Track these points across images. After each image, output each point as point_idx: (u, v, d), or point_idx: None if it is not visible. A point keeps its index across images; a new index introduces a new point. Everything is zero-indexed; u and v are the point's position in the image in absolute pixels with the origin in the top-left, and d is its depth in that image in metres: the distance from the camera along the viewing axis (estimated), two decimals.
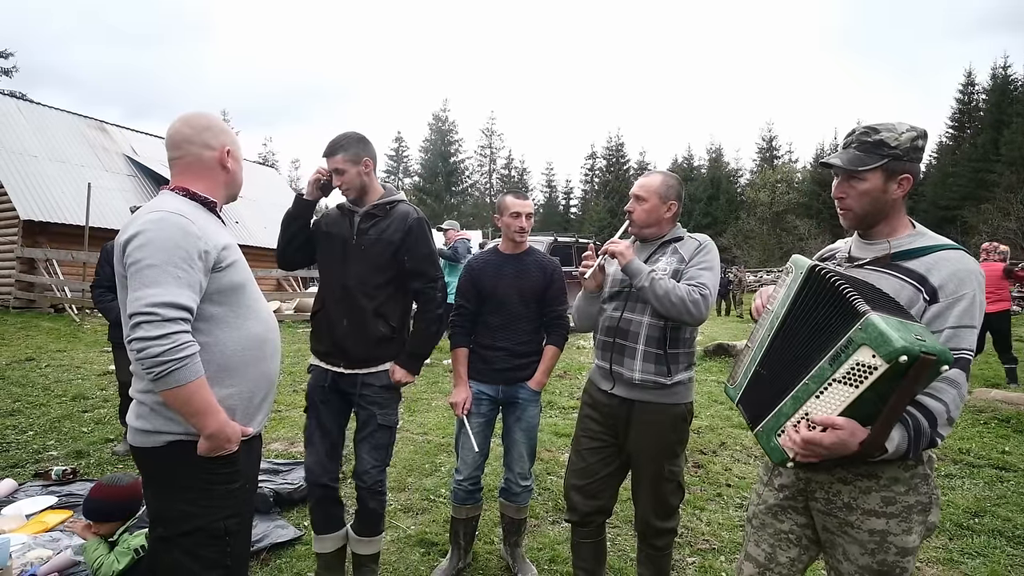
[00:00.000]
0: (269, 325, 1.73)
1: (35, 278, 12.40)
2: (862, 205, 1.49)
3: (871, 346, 1.21)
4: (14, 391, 5.76)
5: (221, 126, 1.74)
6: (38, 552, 2.68)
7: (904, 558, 1.42)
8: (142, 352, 1.41)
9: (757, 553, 1.67)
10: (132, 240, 1.48)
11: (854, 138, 1.52)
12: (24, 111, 15.72)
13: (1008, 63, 42.69)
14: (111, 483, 2.46)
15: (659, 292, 2.03)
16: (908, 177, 1.46)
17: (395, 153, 57.80)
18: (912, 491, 1.42)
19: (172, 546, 1.58)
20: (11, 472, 3.76)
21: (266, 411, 1.75)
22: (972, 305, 1.36)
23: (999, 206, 29.15)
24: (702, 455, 4.46)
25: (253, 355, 1.65)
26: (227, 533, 1.58)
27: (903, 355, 1.16)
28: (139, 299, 1.43)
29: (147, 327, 1.41)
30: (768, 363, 1.50)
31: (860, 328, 1.24)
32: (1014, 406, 5.57)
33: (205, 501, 1.56)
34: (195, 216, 1.58)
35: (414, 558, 2.87)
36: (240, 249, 1.74)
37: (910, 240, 1.48)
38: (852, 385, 1.25)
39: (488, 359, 2.67)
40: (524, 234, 2.69)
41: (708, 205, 47.68)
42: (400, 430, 4.87)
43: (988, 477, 4.05)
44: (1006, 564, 2.90)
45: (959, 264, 1.39)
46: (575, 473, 2.31)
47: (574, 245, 11.95)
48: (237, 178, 1.78)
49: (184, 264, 1.48)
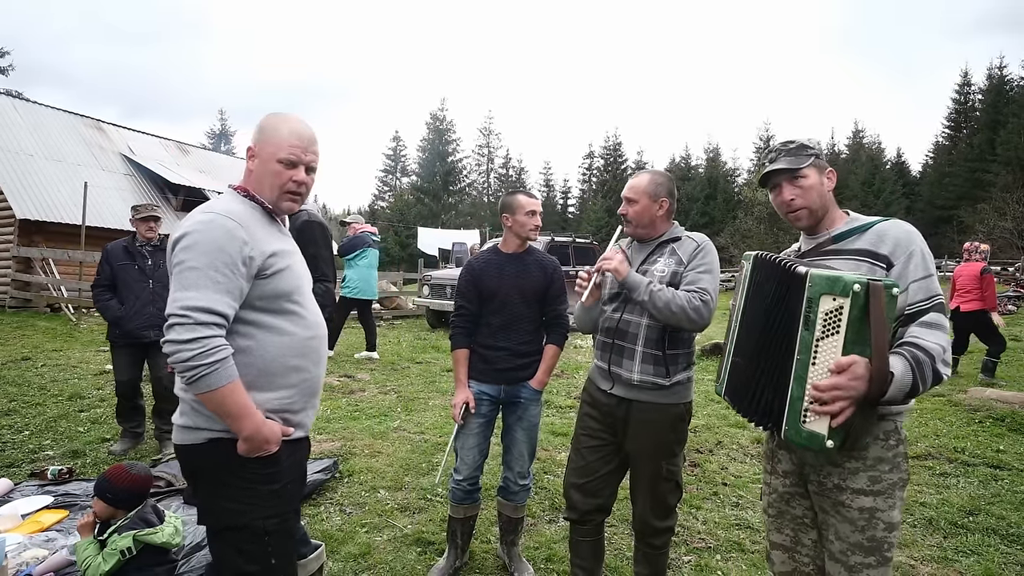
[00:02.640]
0: (315, 331, 1.71)
1: (31, 277, 12.36)
2: (811, 199, 1.68)
3: (827, 292, 1.37)
4: (10, 390, 5.74)
5: (260, 124, 1.65)
6: (34, 552, 2.68)
7: (891, 533, 1.54)
8: (173, 355, 1.43)
9: (781, 539, 1.78)
10: (180, 240, 1.49)
11: (777, 151, 1.74)
12: (20, 109, 15.65)
13: (1004, 64, 42.84)
14: (127, 467, 2.45)
15: (659, 304, 2.05)
16: (833, 171, 1.71)
17: (393, 152, 57.64)
18: (895, 469, 1.55)
19: (217, 539, 1.62)
20: (7, 472, 3.76)
21: (311, 414, 1.74)
22: (923, 258, 1.53)
23: (995, 206, 29.20)
24: (698, 454, 4.47)
25: (297, 361, 1.63)
26: (267, 532, 1.58)
27: (856, 284, 1.32)
28: (176, 301, 1.44)
29: (179, 329, 1.42)
30: (740, 351, 1.68)
31: (811, 284, 1.39)
32: (1008, 405, 5.60)
33: (247, 500, 1.57)
34: (247, 219, 1.55)
35: (411, 557, 2.87)
36: (294, 254, 1.70)
37: (847, 224, 1.67)
38: (833, 333, 1.38)
39: (489, 359, 2.65)
40: (538, 231, 2.70)
41: (705, 204, 47.65)
42: (397, 429, 4.88)
43: (983, 476, 4.07)
44: (1000, 562, 2.92)
45: (897, 229, 1.58)
46: (575, 471, 2.32)
47: (571, 245, 11.96)
48: (261, 179, 1.64)
49: (226, 269, 1.47)
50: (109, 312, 4.22)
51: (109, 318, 4.24)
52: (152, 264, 4.31)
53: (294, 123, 1.65)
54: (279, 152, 1.62)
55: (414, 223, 37.69)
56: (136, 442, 4.37)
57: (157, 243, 4.39)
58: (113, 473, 2.40)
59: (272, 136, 1.63)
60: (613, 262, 2.13)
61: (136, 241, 4.36)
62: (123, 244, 4.36)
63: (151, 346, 4.28)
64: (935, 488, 3.85)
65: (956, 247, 33.52)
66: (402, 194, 53.54)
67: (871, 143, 50.25)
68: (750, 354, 1.62)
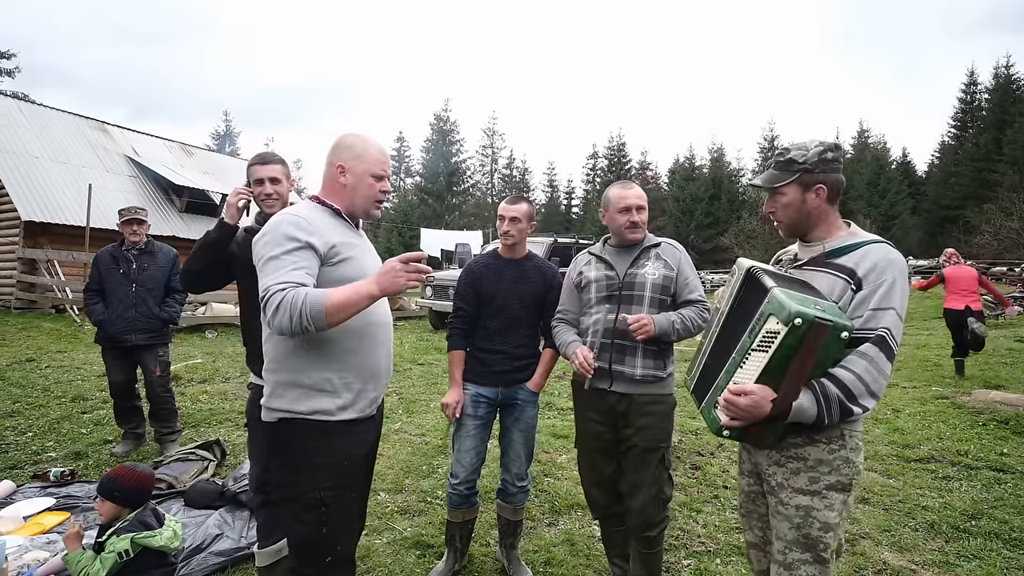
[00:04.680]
0: (374, 320, 1.84)
1: (36, 279, 12.44)
2: (788, 215, 1.71)
3: (775, 314, 1.43)
4: (14, 392, 5.78)
5: (346, 143, 1.87)
6: (35, 554, 2.69)
7: (826, 533, 1.57)
8: (275, 323, 1.56)
9: (753, 538, 1.86)
10: (259, 240, 1.72)
11: (772, 159, 1.75)
12: (25, 112, 15.78)
13: (1011, 63, 42.59)
14: (130, 466, 2.47)
15: (683, 335, 2.28)
16: (822, 187, 1.66)
17: (397, 153, 57.73)
18: (834, 472, 1.58)
19: (281, 508, 1.88)
20: (9, 473, 3.78)
21: (371, 398, 1.86)
22: (892, 290, 1.52)
23: (1002, 206, 29.01)
24: (699, 456, 4.46)
25: (355, 344, 1.78)
26: (323, 503, 1.73)
27: (797, 318, 1.38)
28: (263, 286, 1.62)
29: (270, 304, 1.57)
30: (714, 354, 1.75)
31: (768, 301, 1.47)
32: (1013, 407, 5.56)
33: (303, 472, 1.74)
34: (313, 217, 1.76)
35: (410, 560, 2.88)
36: (365, 249, 1.90)
37: (843, 240, 1.67)
38: (764, 351, 1.48)
39: (487, 362, 2.66)
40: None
41: (710, 205, 47.53)
42: (398, 432, 4.89)
43: (986, 479, 4.04)
44: (1002, 567, 2.89)
45: (881, 255, 1.57)
46: (589, 474, 2.47)
47: (574, 246, 11.95)
48: (356, 191, 1.85)
49: (295, 252, 1.65)
50: (93, 315, 4.28)
51: (93, 321, 4.31)
52: (136, 268, 4.33)
53: (377, 143, 1.90)
54: (373, 168, 1.85)
55: (418, 224, 37.74)
56: (138, 444, 4.40)
57: (143, 246, 4.40)
58: (120, 473, 2.41)
59: (364, 155, 1.85)
60: (644, 321, 2.19)
61: (123, 245, 4.38)
62: (110, 249, 4.41)
63: (137, 349, 4.31)
64: (937, 491, 3.83)
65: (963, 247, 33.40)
66: (406, 195, 53.65)
67: (876, 143, 50.06)
68: (720, 357, 1.70)
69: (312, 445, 1.74)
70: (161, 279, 4.41)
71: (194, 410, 5.42)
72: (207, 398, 5.89)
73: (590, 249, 2.55)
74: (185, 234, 15.47)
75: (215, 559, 2.77)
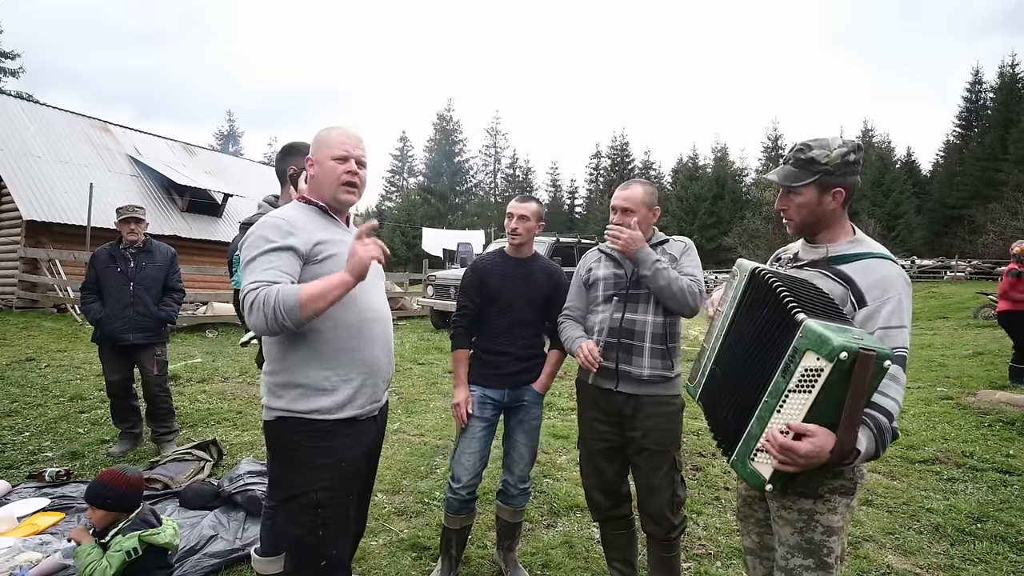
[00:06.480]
0: (368, 316, 1.83)
1: (38, 278, 12.43)
2: (801, 216, 1.64)
3: (813, 350, 1.28)
4: (12, 391, 5.76)
5: (314, 139, 1.89)
6: (27, 555, 2.66)
7: (830, 537, 1.52)
8: (251, 321, 1.57)
9: (750, 544, 1.82)
10: (241, 245, 1.75)
11: (791, 154, 1.65)
12: (27, 111, 15.76)
13: (1016, 62, 42.50)
14: (118, 470, 2.42)
15: (661, 282, 2.18)
16: (841, 191, 1.59)
17: (399, 153, 57.78)
18: (837, 475, 1.52)
19: (278, 511, 1.87)
20: (6, 473, 3.75)
21: (369, 396, 1.84)
22: (899, 307, 1.47)
23: (1007, 205, 28.91)
24: (701, 458, 4.41)
25: (351, 341, 1.78)
26: (319, 505, 1.73)
27: (843, 351, 1.23)
28: (243, 286, 1.63)
29: (245, 304, 1.58)
30: (721, 362, 1.65)
31: (802, 335, 1.31)
32: (1020, 408, 5.50)
33: (301, 472, 1.74)
34: (295, 217, 1.77)
35: (405, 562, 2.83)
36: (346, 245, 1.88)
37: (847, 247, 1.61)
38: (805, 392, 1.31)
39: (494, 364, 2.61)
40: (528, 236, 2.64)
41: (713, 204, 47.42)
42: (396, 431, 4.85)
43: (992, 481, 3.99)
44: (1009, 571, 2.84)
45: (883, 271, 1.51)
46: (591, 476, 2.41)
47: (576, 246, 11.91)
48: (322, 179, 1.85)
49: (270, 253, 1.66)
50: (90, 314, 4.26)
51: (91, 320, 4.29)
52: (134, 267, 4.31)
53: (342, 127, 1.89)
54: (334, 151, 1.83)
55: (421, 223, 37.77)
56: (135, 443, 4.37)
57: (141, 245, 4.38)
58: (109, 477, 2.37)
59: (325, 140, 1.85)
60: (627, 234, 2.20)
61: (120, 244, 4.36)
62: (108, 247, 4.39)
63: (134, 348, 4.28)
64: (942, 494, 3.77)
65: (967, 247, 33.24)
66: (409, 194, 53.65)
67: (881, 142, 49.88)
68: (729, 371, 1.61)
69: (310, 445, 1.73)
70: (159, 278, 4.39)
71: (192, 410, 5.39)
72: (205, 397, 5.86)
73: (600, 247, 2.51)
74: (187, 234, 15.46)
75: (209, 560, 2.74)
